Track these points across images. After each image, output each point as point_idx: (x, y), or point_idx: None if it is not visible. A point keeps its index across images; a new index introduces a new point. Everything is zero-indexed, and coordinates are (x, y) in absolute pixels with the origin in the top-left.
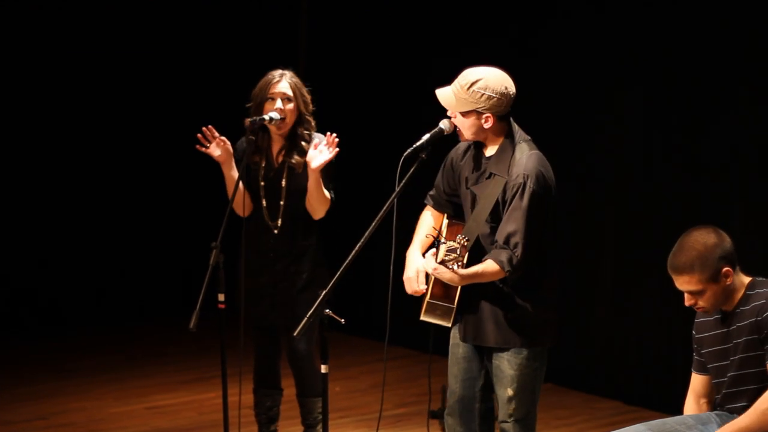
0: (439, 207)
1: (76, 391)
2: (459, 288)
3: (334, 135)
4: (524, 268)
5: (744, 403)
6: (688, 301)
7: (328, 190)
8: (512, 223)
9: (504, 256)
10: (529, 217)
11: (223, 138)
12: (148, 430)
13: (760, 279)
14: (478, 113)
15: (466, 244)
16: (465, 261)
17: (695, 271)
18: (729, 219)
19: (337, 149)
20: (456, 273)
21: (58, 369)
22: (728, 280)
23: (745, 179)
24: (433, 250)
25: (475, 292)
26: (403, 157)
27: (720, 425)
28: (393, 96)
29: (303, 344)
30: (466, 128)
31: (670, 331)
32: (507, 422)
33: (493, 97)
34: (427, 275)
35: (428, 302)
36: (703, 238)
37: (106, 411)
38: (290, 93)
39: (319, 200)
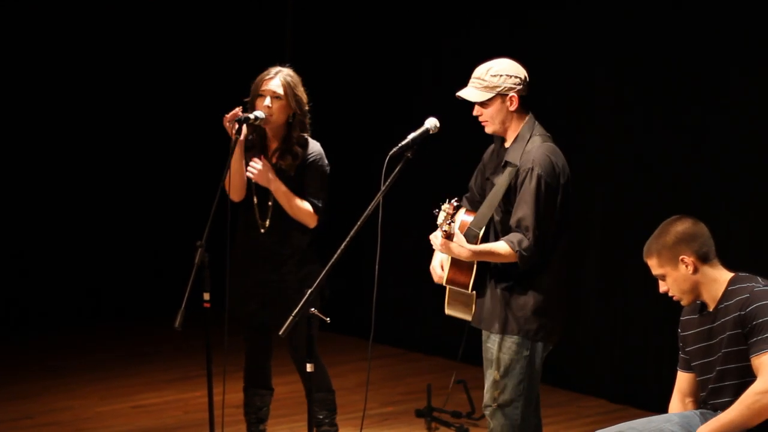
0: (472, 206)
1: (62, 390)
2: (474, 271)
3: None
4: (536, 253)
5: (728, 398)
6: (660, 287)
7: (315, 201)
8: (522, 208)
9: (515, 238)
10: (537, 202)
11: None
12: (133, 429)
13: (742, 274)
14: (502, 97)
15: (455, 204)
16: (454, 221)
17: (653, 254)
18: (716, 215)
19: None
20: (464, 247)
21: (44, 368)
22: (688, 268)
23: (733, 175)
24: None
25: (486, 278)
26: (388, 156)
27: (703, 422)
28: (380, 94)
29: (305, 342)
30: (494, 117)
31: (656, 329)
32: (490, 407)
33: (512, 76)
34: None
35: (449, 289)
36: (671, 225)
37: (92, 410)
38: (280, 91)
39: (291, 213)
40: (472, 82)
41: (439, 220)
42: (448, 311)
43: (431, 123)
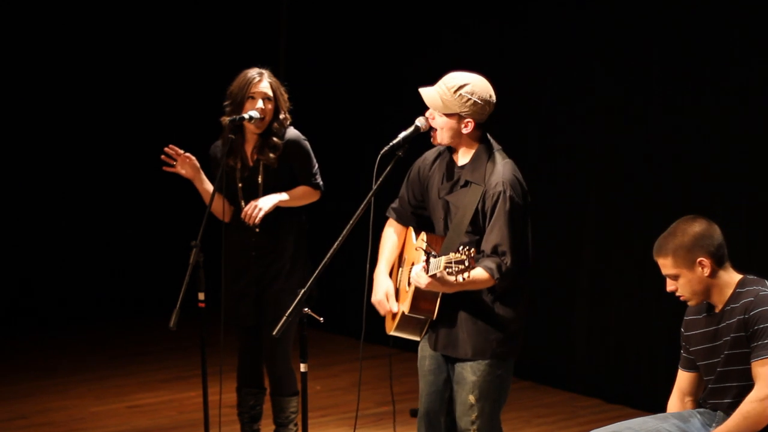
0: (402, 220)
1: (57, 390)
2: (439, 300)
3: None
4: (513, 276)
5: (729, 399)
6: (668, 286)
7: (313, 181)
8: (497, 233)
9: (493, 263)
10: (512, 224)
11: (187, 155)
12: (128, 429)
13: (751, 277)
14: (460, 117)
15: (473, 255)
16: (434, 256)
17: (669, 254)
18: (712, 217)
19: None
20: (449, 283)
21: (39, 368)
22: (705, 271)
23: (730, 177)
24: (422, 264)
25: (452, 302)
26: (380, 156)
27: (702, 422)
28: (371, 94)
29: (279, 343)
30: (445, 130)
31: (651, 328)
32: (469, 430)
33: (479, 103)
34: (397, 292)
35: (405, 316)
36: (688, 225)
37: (86, 410)
38: (270, 93)
39: (300, 204)
40: (440, 86)
41: (443, 269)
42: (393, 332)
43: (422, 122)
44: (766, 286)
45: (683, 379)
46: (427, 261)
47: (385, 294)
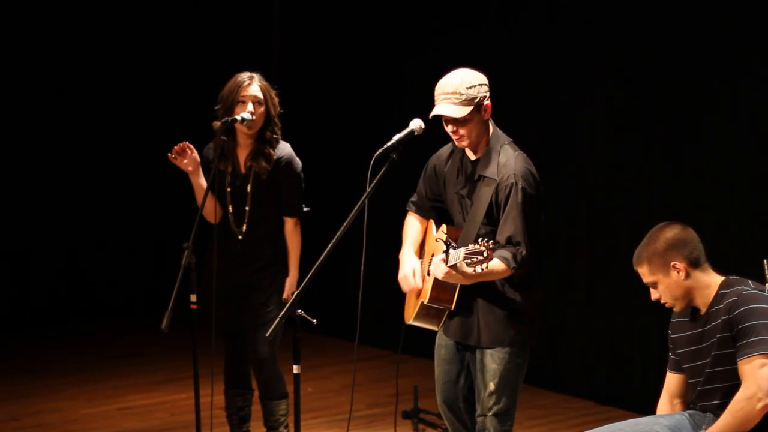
0: (422, 212)
1: (49, 391)
2: (458, 289)
3: None
4: (529, 265)
5: (717, 401)
6: (652, 295)
7: (296, 211)
8: (511, 224)
9: (509, 253)
10: (525, 215)
11: (191, 146)
12: (120, 431)
13: (733, 277)
14: (478, 107)
15: (492, 246)
16: (454, 247)
17: (644, 262)
18: (704, 219)
19: None
20: (467, 274)
21: (31, 370)
22: (680, 274)
23: (725, 181)
24: (442, 255)
25: (470, 292)
26: (374, 158)
27: (692, 424)
28: (364, 97)
29: (265, 347)
30: (473, 131)
31: (643, 331)
32: (485, 416)
33: (483, 85)
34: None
35: (424, 305)
36: (661, 232)
37: (78, 412)
38: (261, 96)
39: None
40: (447, 97)
41: (462, 259)
42: (412, 322)
43: (416, 124)
44: (749, 285)
45: (672, 381)
46: (447, 252)
47: (411, 270)
